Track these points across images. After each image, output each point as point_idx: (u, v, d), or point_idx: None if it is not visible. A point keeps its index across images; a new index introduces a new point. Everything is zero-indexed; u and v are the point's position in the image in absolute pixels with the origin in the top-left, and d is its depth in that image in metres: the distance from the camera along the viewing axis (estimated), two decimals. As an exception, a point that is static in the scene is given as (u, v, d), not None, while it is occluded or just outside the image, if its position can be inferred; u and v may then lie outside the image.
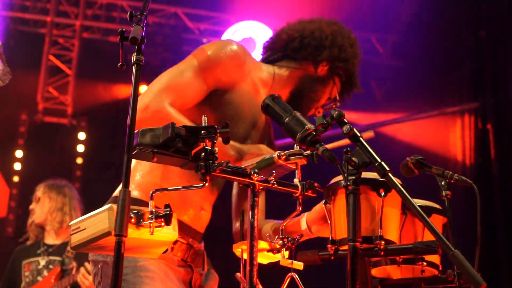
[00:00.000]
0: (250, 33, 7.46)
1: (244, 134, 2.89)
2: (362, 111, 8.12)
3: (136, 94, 2.04)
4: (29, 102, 8.70)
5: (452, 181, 3.14)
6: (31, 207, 5.45)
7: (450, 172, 3.13)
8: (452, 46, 7.82)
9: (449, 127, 7.96)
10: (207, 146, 2.06)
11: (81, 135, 8.71)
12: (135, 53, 2.05)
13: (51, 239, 5.33)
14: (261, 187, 2.23)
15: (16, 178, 8.62)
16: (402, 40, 8.17)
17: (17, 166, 8.63)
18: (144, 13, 2.11)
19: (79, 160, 8.69)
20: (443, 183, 3.16)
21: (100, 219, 2.04)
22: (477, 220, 3.05)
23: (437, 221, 3.12)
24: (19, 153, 8.67)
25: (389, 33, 8.25)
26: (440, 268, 3.16)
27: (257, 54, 3.21)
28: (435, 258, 3.12)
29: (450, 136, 7.94)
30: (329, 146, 3.32)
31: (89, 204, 5.13)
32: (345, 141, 2.66)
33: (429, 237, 2.84)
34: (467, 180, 3.12)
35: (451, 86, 7.96)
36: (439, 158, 7.68)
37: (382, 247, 2.71)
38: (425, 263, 3.09)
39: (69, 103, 8.68)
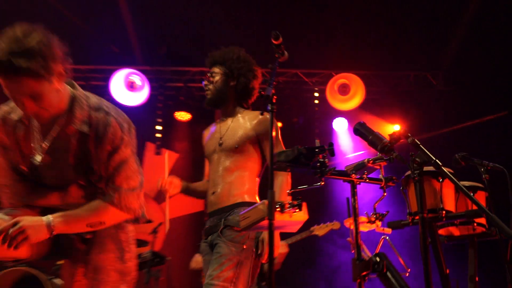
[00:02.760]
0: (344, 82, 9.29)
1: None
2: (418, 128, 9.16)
3: (270, 134, 3.05)
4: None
5: (489, 168, 3.78)
6: None
7: (487, 162, 3.82)
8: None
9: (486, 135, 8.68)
10: (320, 159, 3.05)
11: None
12: (270, 104, 3.05)
13: None
14: (358, 182, 3.19)
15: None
16: (451, 73, 9.35)
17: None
18: (272, 78, 3.12)
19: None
20: (482, 169, 3.79)
21: (258, 210, 3.00)
22: (509, 199, 3.55)
23: (482, 195, 3.88)
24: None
25: (439, 70, 9.55)
26: (487, 227, 3.93)
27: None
28: (483, 220, 3.79)
29: (488, 143, 8.55)
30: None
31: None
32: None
33: (477, 206, 3.46)
34: (499, 166, 3.74)
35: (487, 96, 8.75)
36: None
37: (443, 215, 3.51)
38: (475, 224, 3.76)
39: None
